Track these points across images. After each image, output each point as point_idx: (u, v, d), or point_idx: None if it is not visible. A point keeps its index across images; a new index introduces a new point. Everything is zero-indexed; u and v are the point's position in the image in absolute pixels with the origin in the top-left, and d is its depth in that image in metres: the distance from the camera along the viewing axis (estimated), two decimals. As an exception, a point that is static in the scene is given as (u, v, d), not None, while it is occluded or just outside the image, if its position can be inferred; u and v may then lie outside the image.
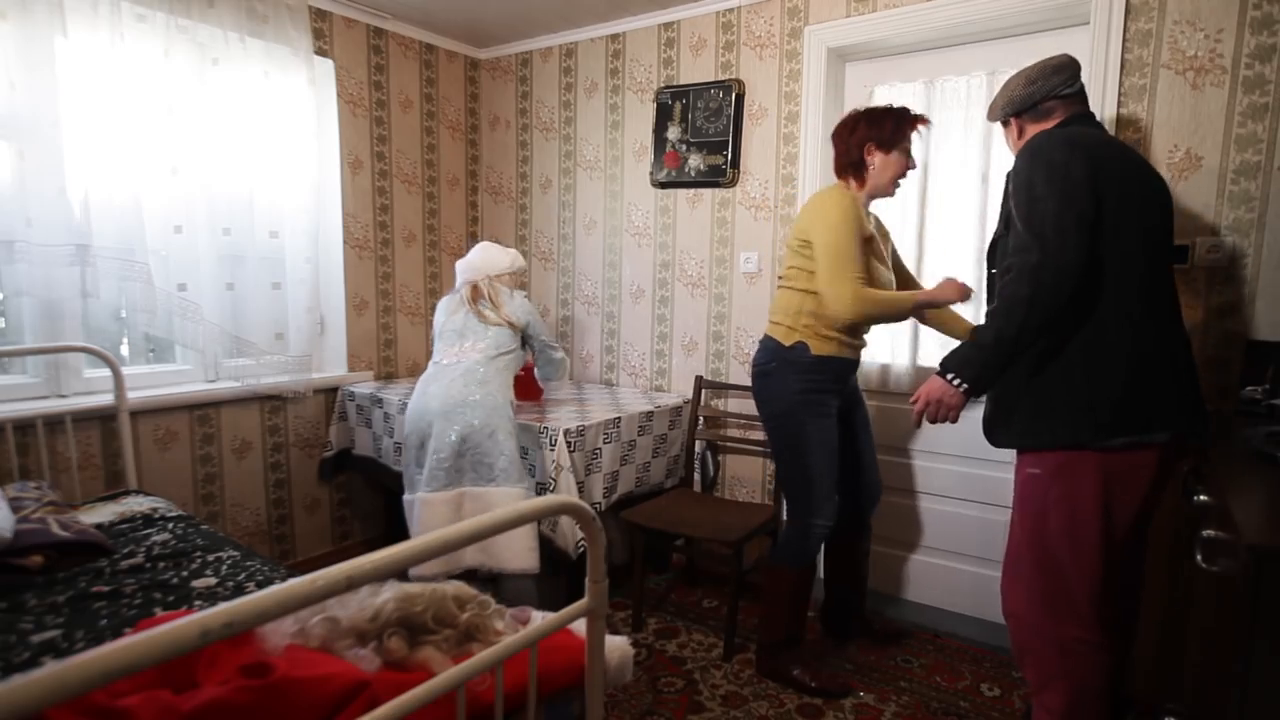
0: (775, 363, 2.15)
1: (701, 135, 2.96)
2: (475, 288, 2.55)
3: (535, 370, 2.77)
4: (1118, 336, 1.54)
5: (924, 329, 2.53)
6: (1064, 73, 1.71)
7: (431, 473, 2.34)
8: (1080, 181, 1.53)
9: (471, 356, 2.43)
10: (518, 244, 3.62)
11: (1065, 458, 1.58)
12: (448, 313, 2.58)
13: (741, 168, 2.90)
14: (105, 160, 2.36)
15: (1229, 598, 1.11)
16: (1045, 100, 1.72)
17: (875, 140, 2.11)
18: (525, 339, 2.59)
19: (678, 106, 3.01)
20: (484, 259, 2.61)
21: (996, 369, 1.61)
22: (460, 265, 2.65)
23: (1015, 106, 1.76)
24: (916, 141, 2.18)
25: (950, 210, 2.59)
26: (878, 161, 2.12)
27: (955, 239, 2.58)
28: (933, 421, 1.72)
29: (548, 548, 2.40)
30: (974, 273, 2.50)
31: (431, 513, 2.32)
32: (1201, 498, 1.39)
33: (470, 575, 2.28)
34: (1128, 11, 2.12)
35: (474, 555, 2.31)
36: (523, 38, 3.42)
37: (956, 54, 2.55)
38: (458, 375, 2.39)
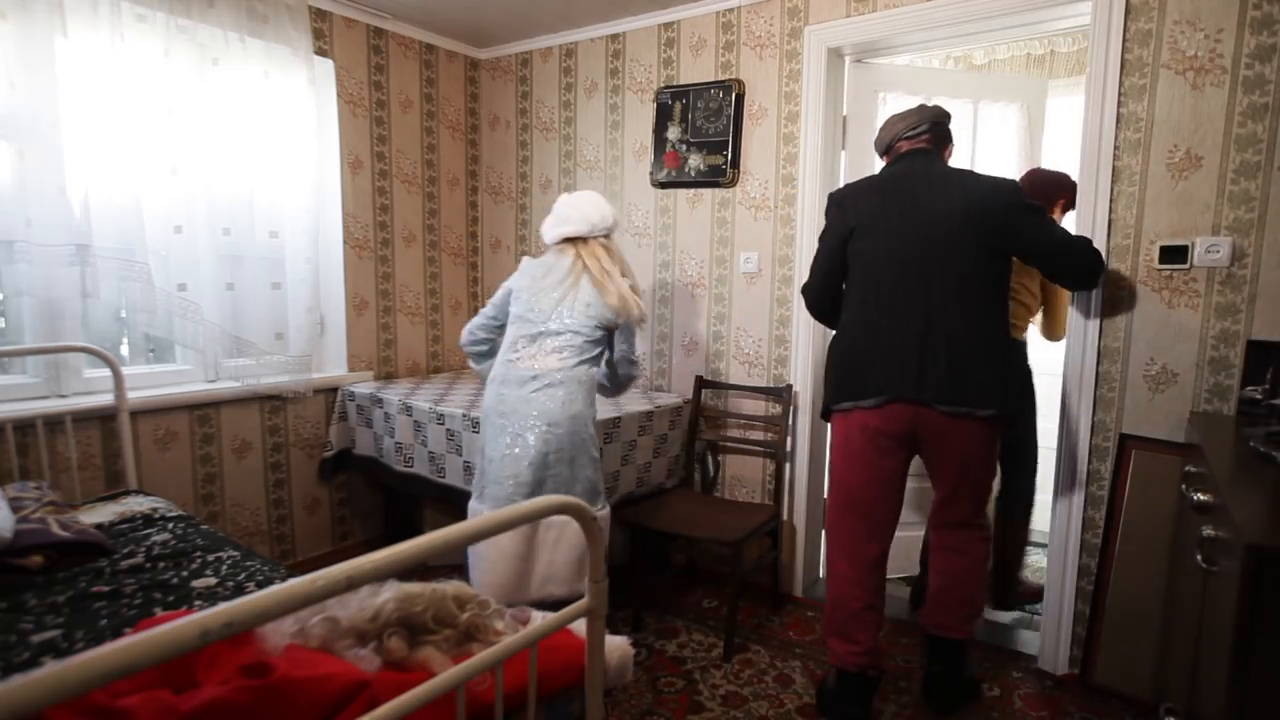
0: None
1: (701, 135, 2.96)
2: (587, 245, 2.07)
3: (604, 376, 2.33)
4: (854, 329, 2.02)
5: None
6: (908, 120, 2.07)
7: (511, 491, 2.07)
8: (829, 219, 2.10)
9: (549, 364, 2.04)
10: (517, 244, 3.62)
11: (832, 418, 2.10)
12: (532, 289, 2.09)
13: (741, 168, 2.90)
14: (105, 160, 2.36)
15: (1229, 598, 1.11)
16: (894, 144, 2.10)
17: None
18: (611, 335, 2.15)
19: (678, 106, 3.01)
20: (597, 208, 2.12)
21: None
22: (564, 208, 2.11)
23: (878, 150, 2.18)
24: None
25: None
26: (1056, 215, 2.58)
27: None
28: None
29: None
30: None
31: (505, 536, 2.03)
32: (1201, 498, 1.39)
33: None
34: (1128, 11, 2.12)
35: (539, 588, 2.09)
36: (523, 38, 3.42)
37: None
38: (545, 389, 2.04)
